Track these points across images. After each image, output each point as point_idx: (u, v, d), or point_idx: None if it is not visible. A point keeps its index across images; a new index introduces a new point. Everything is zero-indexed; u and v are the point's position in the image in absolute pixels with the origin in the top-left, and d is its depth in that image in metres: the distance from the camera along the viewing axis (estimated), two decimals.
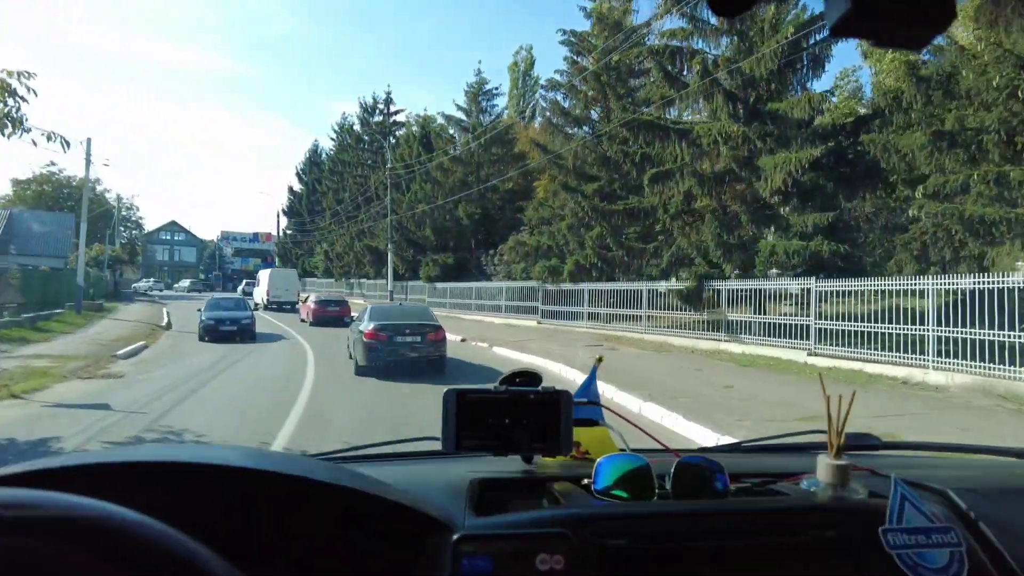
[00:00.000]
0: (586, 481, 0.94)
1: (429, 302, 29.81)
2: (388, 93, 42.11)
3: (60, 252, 36.10)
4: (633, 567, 0.78)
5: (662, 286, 15.72)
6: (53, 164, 47.34)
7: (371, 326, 10.70)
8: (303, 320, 24.52)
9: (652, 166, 16.64)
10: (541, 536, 0.74)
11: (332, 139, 49.25)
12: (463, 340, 17.10)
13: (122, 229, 51.99)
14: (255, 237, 60.76)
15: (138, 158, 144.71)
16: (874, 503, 0.86)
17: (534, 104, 33.17)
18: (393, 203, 32.84)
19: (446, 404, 0.96)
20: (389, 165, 33.53)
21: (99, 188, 49.17)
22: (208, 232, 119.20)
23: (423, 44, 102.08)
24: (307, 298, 25.38)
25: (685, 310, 14.88)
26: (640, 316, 16.29)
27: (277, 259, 61.01)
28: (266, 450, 1.06)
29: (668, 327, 15.34)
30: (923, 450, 1.53)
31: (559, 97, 22.05)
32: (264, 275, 34.21)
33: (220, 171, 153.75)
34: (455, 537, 0.72)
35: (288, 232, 58.69)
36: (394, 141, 38.06)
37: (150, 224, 72.83)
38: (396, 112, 41.97)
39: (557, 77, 22.77)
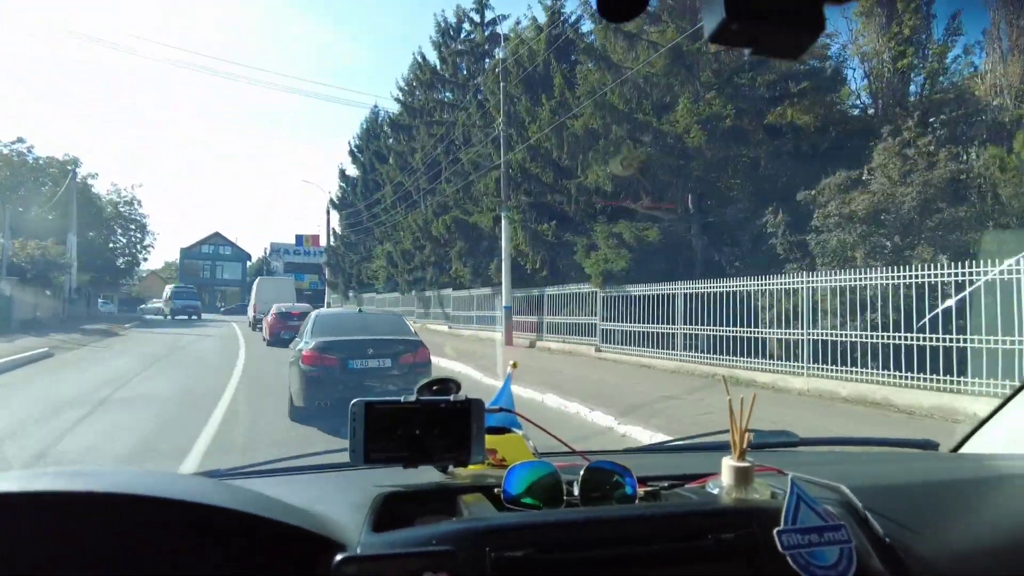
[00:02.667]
0: (497, 490, 0.92)
1: (601, 336, 12.96)
2: None
3: None
4: None
5: None
6: (21, 141, 33.79)
7: (312, 344, 6.77)
8: (265, 340, 18.14)
9: None
10: (426, 554, 0.72)
11: (397, 100, 33.73)
12: None
13: (117, 229, 38.12)
14: (299, 242, 46.25)
15: (175, 169, 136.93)
16: (773, 504, 0.86)
17: None
18: (509, 140, 16.39)
19: (354, 416, 0.92)
20: (501, 55, 17.22)
21: (80, 172, 35.40)
22: (257, 245, 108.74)
23: None
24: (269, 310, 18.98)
25: None
26: None
27: (327, 271, 46.22)
28: (144, 471, 0.80)
29: None
30: (836, 445, 1.61)
31: None
32: (254, 287, 28.68)
33: (266, 178, 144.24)
34: (337, 559, 0.70)
35: (340, 233, 43.64)
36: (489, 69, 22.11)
37: (190, 236, 59.69)
38: (494, 21, 25.85)
39: None
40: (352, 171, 42.65)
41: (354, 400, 0.93)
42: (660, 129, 12.90)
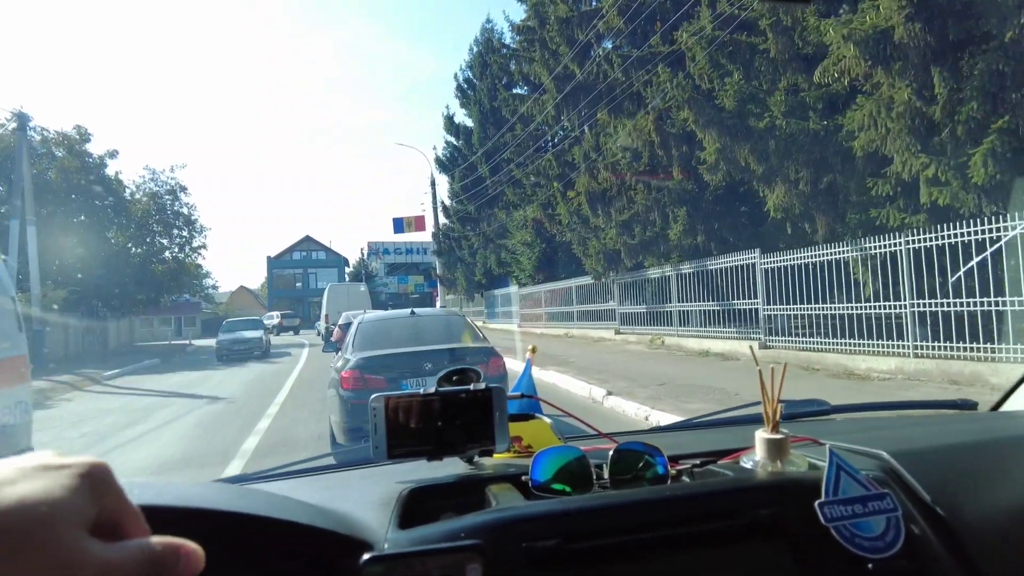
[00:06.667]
0: (525, 478, 0.89)
1: None
2: None
3: None
4: (564, 568, 0.73)
5: None
6: (21, 116, 23.28)
7: (353, 361, 5.31)
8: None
9: None
10: (455, 549, 0.69)
11: None
12: None
13: (155, 230, 27.34)
14: (398, 227, 34.25)
15: (262, 174, 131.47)
16: (811, 476, 0.83)
17: None
18: None
19: (373, 412, 0.90)
20: None
21: (96, 150, 24.77)
22: (353, 247, 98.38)
23: None
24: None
25: None
26: None
27: (438, 263, 33.93)
28: (161, 482, 0.73)
29: None
30: (870, 411, 1.49)
31: None
32: (324, 295, 24.50)
33: (358, 168, 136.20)
34: (364, 558, 0.68)
35: (452, 207, 31.19)
36: None
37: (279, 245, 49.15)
38: None
39: None
40: (462, 118, 30.04)
41: (373, 395, 0.91)
42: None
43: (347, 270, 62.45)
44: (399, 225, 34.01)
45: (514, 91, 25.04)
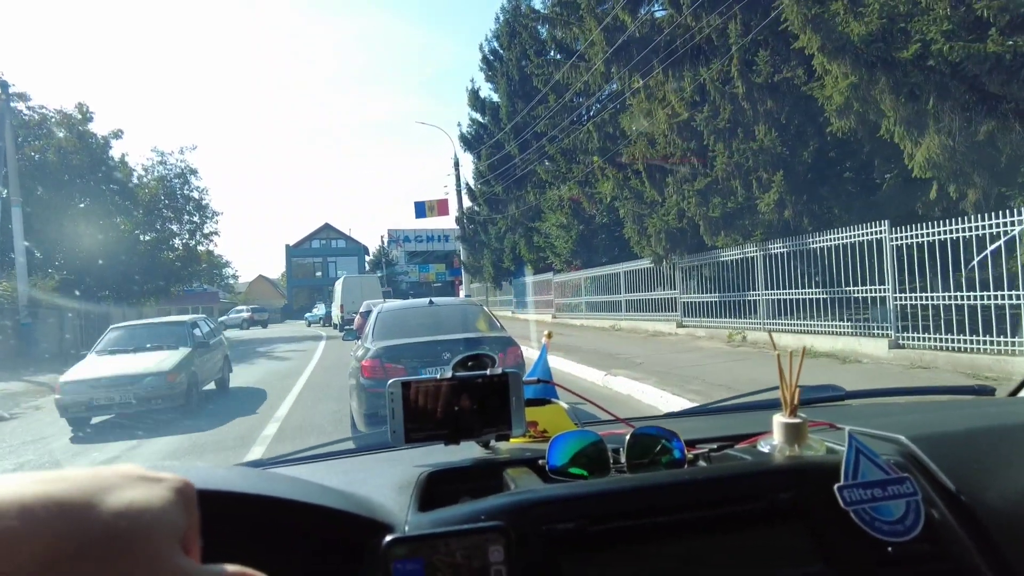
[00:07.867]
0: (542, 462, 0.90)
1: None
2: None
3: None
4: (584, 550, 0.73)
5: None
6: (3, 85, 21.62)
7: (373, 351, 5.39)
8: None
9: None
10: (477, 530, 0.69)
11: None
12: None
13: (167, 214, 25.78)
14: (420, 211, 32.34)
15: (281, 161, 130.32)
16: (830, 459, 0.83)
17: None
18: None
19: (391, 397, 0.90)
20: None
21: (100, 131, 23.23)
22: (374, 235, 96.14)
23: None
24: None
25: None
26: None
27: (462, 249, 31.96)
28: (182, 465, 0.76)
29: None
30: (885, 396, 1.48)
31: None
32: (338, 286, 25.41)
33: (378, 154, 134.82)
34: (387, 540, 0.68)
35: (478, 190, 29.16)
36: None
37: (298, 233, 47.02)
38: None
39: None
40: (488, 92, 27.92)
41: (390, 380, 0.91)
42: None
43: (367, 258, 60.94)
44: (421, 209, 32.10)
45: (550, 53, 22.90)
